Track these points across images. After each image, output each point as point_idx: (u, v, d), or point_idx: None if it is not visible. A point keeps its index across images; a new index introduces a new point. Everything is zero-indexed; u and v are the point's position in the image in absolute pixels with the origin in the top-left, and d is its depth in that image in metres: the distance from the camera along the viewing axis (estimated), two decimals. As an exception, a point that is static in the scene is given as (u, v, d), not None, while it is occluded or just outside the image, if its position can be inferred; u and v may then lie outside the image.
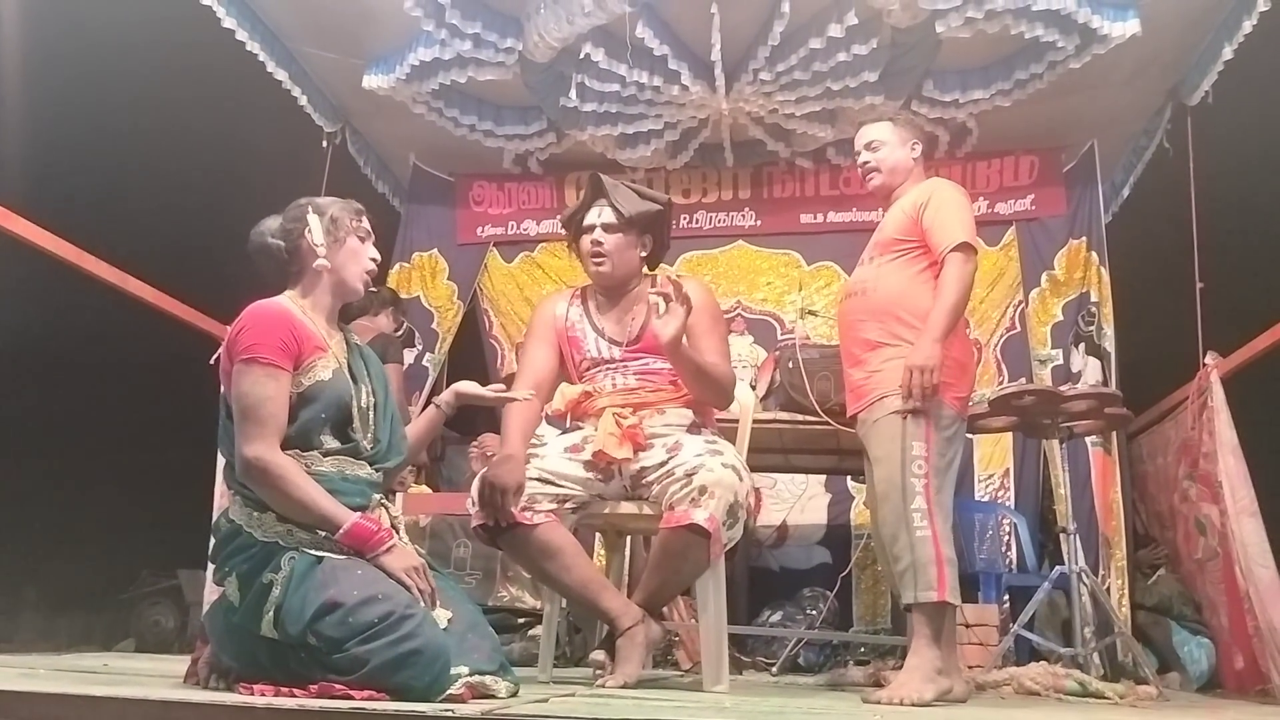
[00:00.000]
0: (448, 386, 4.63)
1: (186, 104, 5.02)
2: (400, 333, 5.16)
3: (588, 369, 2.94)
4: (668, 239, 3.07)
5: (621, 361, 2.90)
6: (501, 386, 2.69)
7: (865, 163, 3.09)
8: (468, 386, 2.62)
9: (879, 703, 2.48)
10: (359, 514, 2.10)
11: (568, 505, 2.73)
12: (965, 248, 2.79)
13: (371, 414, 2.29)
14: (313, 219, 2.30)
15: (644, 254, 2.99)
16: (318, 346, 2.21)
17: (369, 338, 4.82)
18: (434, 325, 5.68)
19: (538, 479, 2.70)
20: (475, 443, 4.71)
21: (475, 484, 2.70)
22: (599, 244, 2.91)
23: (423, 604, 2.02)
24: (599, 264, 2.92)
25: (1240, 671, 3.97)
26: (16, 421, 5.07)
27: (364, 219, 2.38)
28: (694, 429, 2.84)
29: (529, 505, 2.66)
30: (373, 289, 4.79)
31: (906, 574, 2.66)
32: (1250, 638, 3.82)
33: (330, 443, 2.19)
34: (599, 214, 2.94)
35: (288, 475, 2.07)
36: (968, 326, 2.95)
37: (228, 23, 4.36)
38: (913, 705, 2.43)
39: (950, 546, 2.69)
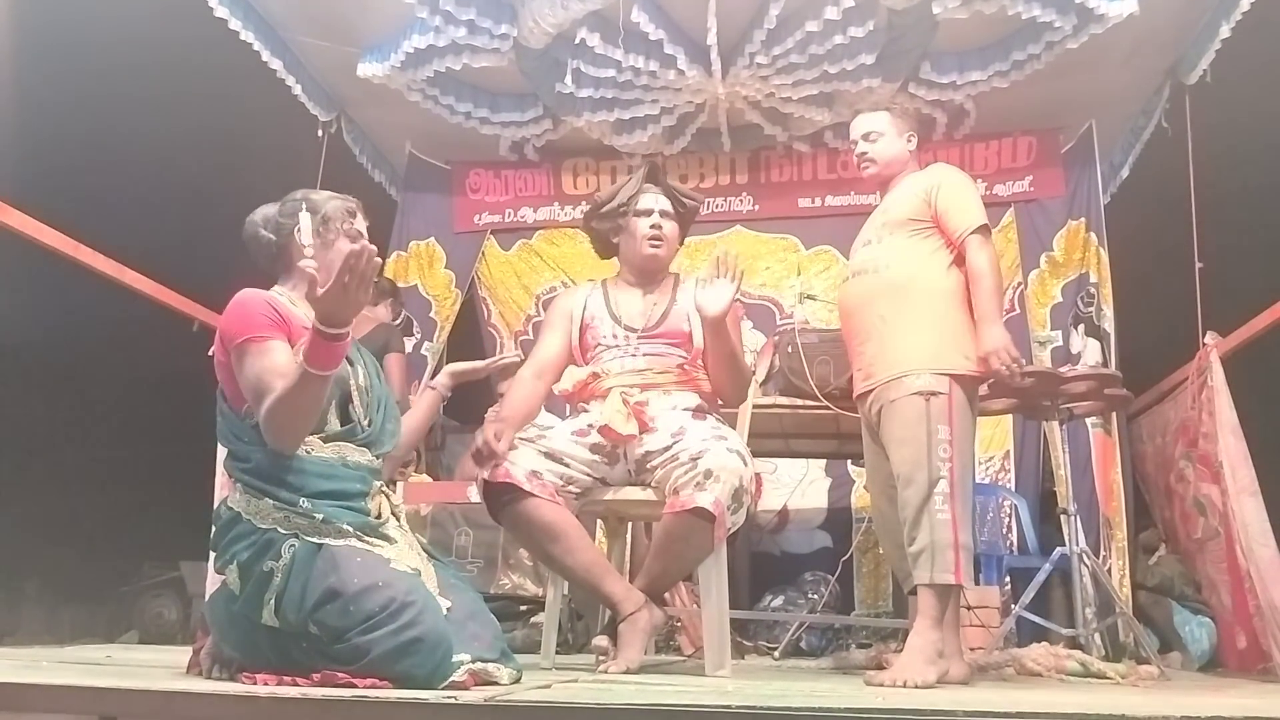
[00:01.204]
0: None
1: (181, 95, 5.00)
2: (399, 322, 5.17)
3: (600, 352, 2.96)
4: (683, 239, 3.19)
5: (635, 344, 2.93)
6: (496, 359, 2.76)
7: (863, 153, 3.10)
8: (461, 365, 2.70)
9: (882, 685, 2.48)
10: (301, 349, 2.03)
11: (571, 488, 2.74)
12: (984, 229, 2.88)
13: (367, 396, 2.29)
14: (304, 217, 2.28)
15: (678, 247, 3.11)
16: (305, 328, 2.20)
17: (369, 328, 4.85)
18: (432, 314, 5.67)
19: (546, 455, 2.72)
20: (490, 410, 4.68)
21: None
22: (659, 227, 2.99)
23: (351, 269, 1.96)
24: (656, 246, 3.00)
25: (1242, 651, 3.98)
26: (18, 415, 5.06)
27: (357, 218, 2.35)
28: (699, 413, 2.84)
29: (534, 476, 2.66)
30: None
31: (923, 555, 2.67)
32: (1251, 617, 3.83)
33: (333, 423, 2.19)
34: (656, 200, 3.02)
35: (274, 403, 2.03)
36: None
37: (220, 12, 4.34)
38: (915, 687, 2.44)
39: (967, 532, 2.70)
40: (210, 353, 2.26)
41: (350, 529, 2.07)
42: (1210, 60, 4.43)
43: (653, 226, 2.98)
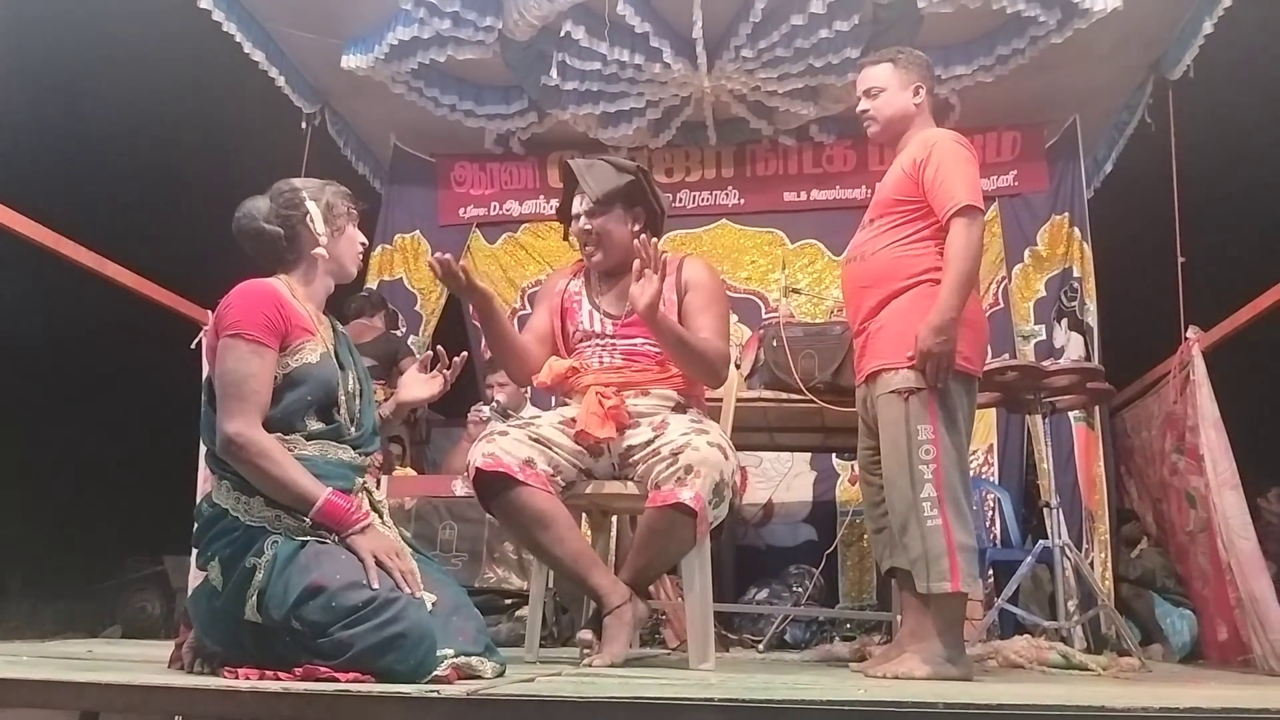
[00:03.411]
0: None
1: (163, 86, 4.98)
2: (396, 330, 5.29)
3: (579, 341, 2.94)
4: (659, 205, 2.97)
5: (611, 338, 2.89)
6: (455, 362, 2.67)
7: (863, 111, 2.91)
8: (408, 393, 2.65)
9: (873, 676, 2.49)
10: (332, 491, 2.08)
11: (559, 478, 2.73)
12: (968, 210, 2.63)
13: (357, 400, 2.29)
14: (312, 206, 2.28)
15: (636, 228, 2.90)
16: (305, 329, 2.19)
17: (372, 336, 4.90)
18: (417, 308, 5.66)
19: (535, 440, 2.71)
20: (473, 409, 4.68)
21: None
22: (586, 232, 2.89)
23: (403, 587, 2.01)
24: (590, 254, 2.92)
25: (1223, 642, 4.01)
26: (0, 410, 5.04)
27: (353, 202, 2.38)
28: (679, 409, 2.83)
29: (527, 465, 2.66)
30: (363, 292, 4.91)
31: (918, 563, 2.59)
32: (1232, 609, 3.85)
33: (314, 425, 2.18)
34: (580, 201, 2.92)
35: (268, 452, 2.06)
36: (976, 284, 2.79)
37: (204, 3, 4.31)
38: (895, 679, 2.45)
39: (965, 531, 2.59)
40: (194, 344, 2.25)
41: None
42: (1193, 56, 4.45)
43: (581, 231, 2.90)
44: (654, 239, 2.71)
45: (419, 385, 2.64)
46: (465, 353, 2.74)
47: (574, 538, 2.71)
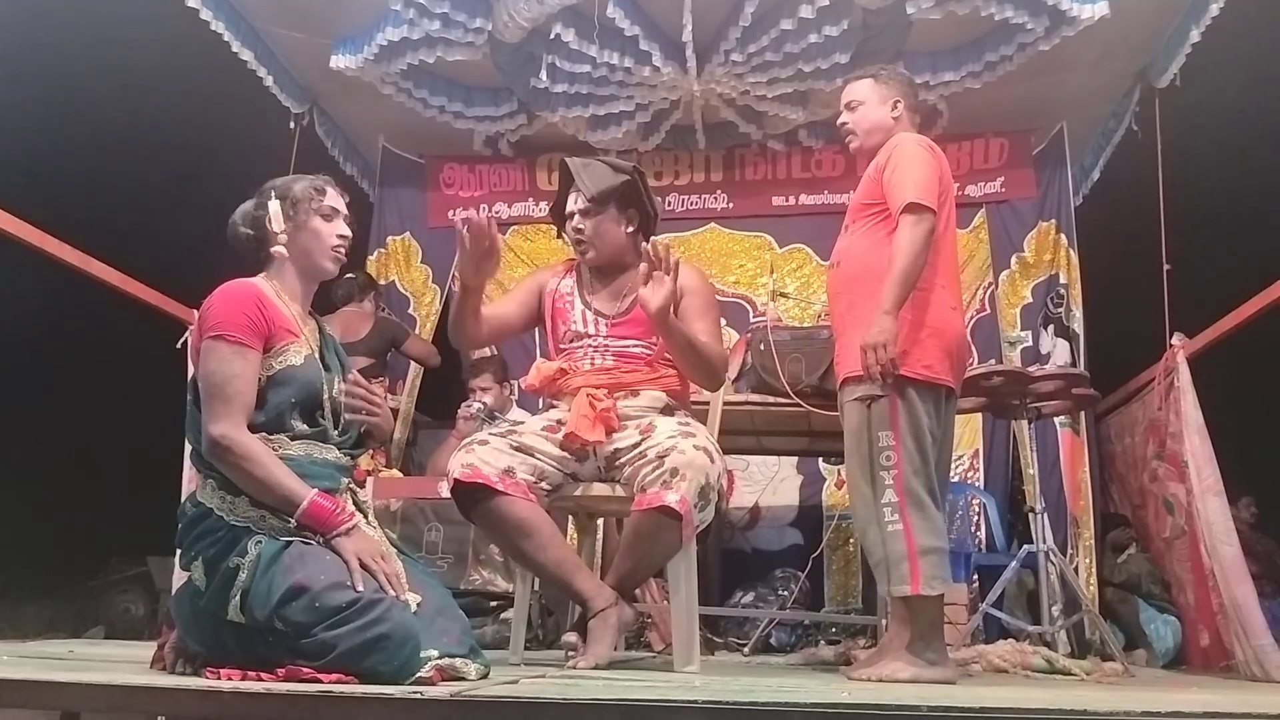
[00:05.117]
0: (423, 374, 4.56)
1: (150, 84, 4.96)
2: (385, 312, 5.24)
3: (570, 341, 2.93)
4: (653, 207, 2.99)
5: (604, 338, 2.89)
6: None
7: (843, 124, 2.95)
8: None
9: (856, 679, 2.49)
10: (317, 492, 2.08)
11: (543, 484, 2.73)
12: (915, 208, 2.62)
13: (342, 403, 2.28)
14: (273, 205, 2.28)
15: (630, 229, 2.93)
16: (289, 330, 2.19)
17: (367, 325, 4.88)
18: (411, 310, 5.63)
19: (517, 448, 2.71)
20: (463, 405, 4.67)
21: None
22: (579, 230, 2.90)
23: (388, 590, 2.00)
24: (583, 251, 2.92)
25: (1206, 648, 4.03)
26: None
27: (327, 195, 2.33)
28: (667, 411, 2.84)
29: (507, 475, 2.65)
30: (349, 275, 4.83)
31: (879, 567, 2.63)
32: (1215, 615, 3.87)
33: (299, 426, 2.17)
34: (575, 199, 2.93)
35: (253, 454, 2.05)
36: (948, 289, 2.77)
37: (192, 1, 4.30)
38: (879, 681, 2.45)
39: (928, 534, 2.59)
40: (179, 344, 2.25)
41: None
42: (1180, 64, 4.48)
43: (575, 230, 2.91)
44: (668, 244, 2.71)
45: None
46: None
47: (557, 544, 2.71)
